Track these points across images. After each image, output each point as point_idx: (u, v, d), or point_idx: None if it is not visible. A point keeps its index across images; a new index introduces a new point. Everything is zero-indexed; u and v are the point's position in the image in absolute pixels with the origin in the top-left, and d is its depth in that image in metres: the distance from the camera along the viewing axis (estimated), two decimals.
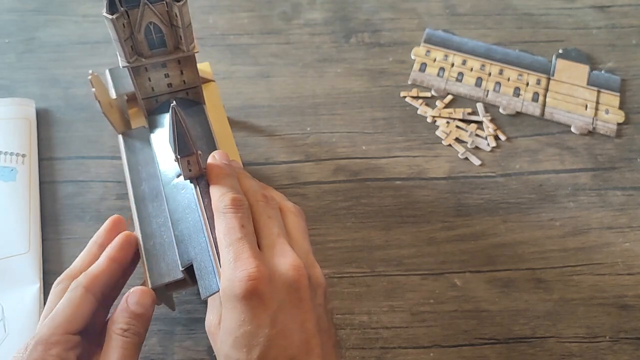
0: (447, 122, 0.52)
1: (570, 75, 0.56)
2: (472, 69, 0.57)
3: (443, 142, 0.51)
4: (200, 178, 0.36)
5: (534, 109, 0.54)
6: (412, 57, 0.58)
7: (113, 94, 0.43)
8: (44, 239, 0.45)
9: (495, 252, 0.45)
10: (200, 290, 0.33)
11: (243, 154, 0.43)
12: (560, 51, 0.58)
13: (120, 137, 0.42)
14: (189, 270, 0.34)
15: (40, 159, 0.49)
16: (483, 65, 0.57)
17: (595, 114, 0.53)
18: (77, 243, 0.45)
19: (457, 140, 0.51)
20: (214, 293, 0.32)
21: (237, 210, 0.33)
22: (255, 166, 0.49)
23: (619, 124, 0.53)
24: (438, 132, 0.52)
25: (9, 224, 0.44)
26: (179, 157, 0.33)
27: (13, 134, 0.49)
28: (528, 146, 0.51)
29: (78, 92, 0.54)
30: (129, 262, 0.37)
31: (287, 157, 0.50)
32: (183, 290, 0.37)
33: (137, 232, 0.38)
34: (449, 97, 0.54)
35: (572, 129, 0.52)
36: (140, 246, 0.37)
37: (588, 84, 0.55)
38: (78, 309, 0.33)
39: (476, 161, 0.50)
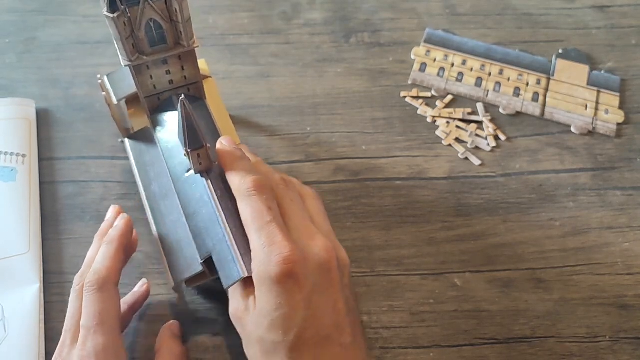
0: (447, 122, 0.52)
1: (570, 75, 0.56)
2: (472, 69, 0.57)
3: (443, 142, 0.51)
4: (210, 171, 0.36)
5: (534, 109, 0.54)
6: (412, 57, 0.58)
7: (114, 99, 0.43)
8: (44, 239, 0.45)
9: (495, 252, 0.45)
10: (222, 280, 0.33)
11: None
12: (560, 51, 0.58)
13: (126, 140, 0.42)
14: (208, 262, 0.35)
15: (40, 159, 0.49)
16: (483, 65, 0.57)
17: (595, 114, 0.53)
18: (77, 243, 0.45)
19: (457, 140, 0.51)
20: (237, 282, 0.33)
21: (261, 192, 0.33)
22: None
23: (618, 124, 0.53)
24: (438, 132, 0.52)
25: (9, 224, 0.44)
26: (189, 150, 0.34)
27: (13, 134, 0.49)
28: (528, 146, 0.51)
29: (78, 92, 0.54)
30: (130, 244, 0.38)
31: (287, 157, 0.50)
32: (202, 282, 0.37)
33: (154, 232, 0.39)
34: (449, 97, 0.54)
35: (572, 129, 0.52)
36: (159, 245, 0.38)
37: (588, 84, 0.55)
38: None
39: (476, 161, 0.50)
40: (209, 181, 0.35)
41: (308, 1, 0.62)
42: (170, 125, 0.40)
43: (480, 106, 0.54)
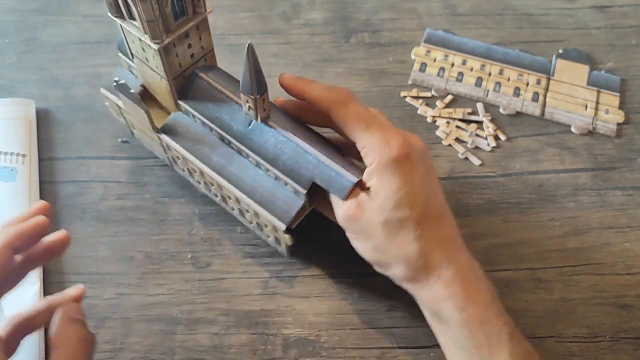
0: (447, 122, 0.52)
1: (570, 75, 0.56)
2: (472, 69, 0.57)
3: (443, 142, 0.51)
4: (269, 116, 0.39)
5: (534, 109, 0.54)
6: (412, 57, 0.58)
7: (121, 104, 0.43)
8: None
9: (495, 252, 0.45)
10: (336, 195, 0.37)
11: None
12: (560, 51, 0.58)
13: (162, 135, 0.42)
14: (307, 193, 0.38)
15: (40, 159, 0.49)
16: (483, 65, 0.57)
17: (595, 114, 0.53)
18: (77, 243, 0.45)
19: (457, 140, 0.51)
20: (353, 187, 0.36)
21: (353, 98, 0.37)
22: None
23: (618, 124, 0.53)
24: (438, 132, 0.52)
25: None
26: (258, 97, 0.36)
27: (13, 134, 0.49)
28: (528, 146, 0.51)
29: (78, 92, 0.54)
30: (30, 253, 0.33)
31: None
32: (302, 217, 0.40)
33: (238, 195, 0.40)
34: (449, 97, 0.54)
35: (572, 129, 0.52)
36: (249, 203, 0.39)
37: (588, 84, 0.55)
38: None
39: (476, 161, 0.50)
40: (276, 123, 0.38)
41: (308, 1, 0.62)
42: (201, 100, 0.41)
43: (480, 106, 0.54)
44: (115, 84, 0.40)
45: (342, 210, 0.36)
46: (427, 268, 0.34)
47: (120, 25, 0.38)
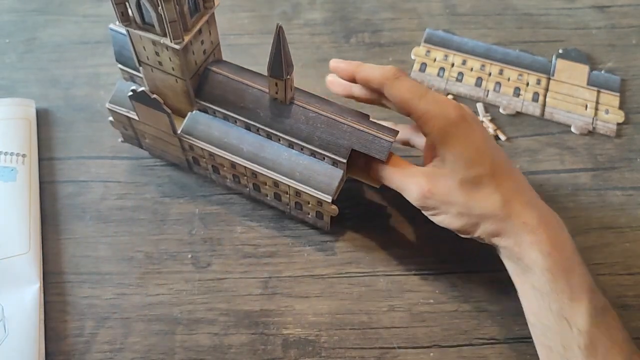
0: None
1: (570, 75, 0.56)
2: (472, 69, 0.57)
3: None
4: (293, 98, 0.39)
5: (534, 109, 0.54)
6: (412, 57, 0.58)
7: (133, 115, 0.43)
8: (44, 239, 0.45)
9: (496, 251, 0.45)
10: (376, 156, 0.38)
11: None
12: (560, 51, 0.58)
13: (184, 136, 0.42)
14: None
15: (40, 159, 0.49)
16: (483, 65, 0.57)
17: (595, 114, 0.53)
18: (77, 243, 0.45)
19: None
20: (390, 148, 0.38)
21: (404, 73, 0.39)
22: None
23: (618, 124, 0.53)
24: None
25: (9, 224, 0.44)
26: (288, 77, 0.37)
27: (13, 134, 0.49)
28: (528, 146, 0.51)
29: (78, 92, 0.54)
30: None
31: None
32: (342, 186, 0.41)
33: (277, 178, 0.40)
34: (449, 97, 0.54)
35: (572, 129, 0.52)
36: (290, 183, 0.40)
37: (588, 84, 0.55)
38: None
39: None
40: (303, 102, 0.39)
41: (308, 1, 0.62)
42: (218, 94, 0.41)
43: (480, 106, 0.54)
44: (132, 93, 0.40)
45: (414, 192, 0.37)
46: (512, 216, 0.35)
47: (129, 33, 0.37)
